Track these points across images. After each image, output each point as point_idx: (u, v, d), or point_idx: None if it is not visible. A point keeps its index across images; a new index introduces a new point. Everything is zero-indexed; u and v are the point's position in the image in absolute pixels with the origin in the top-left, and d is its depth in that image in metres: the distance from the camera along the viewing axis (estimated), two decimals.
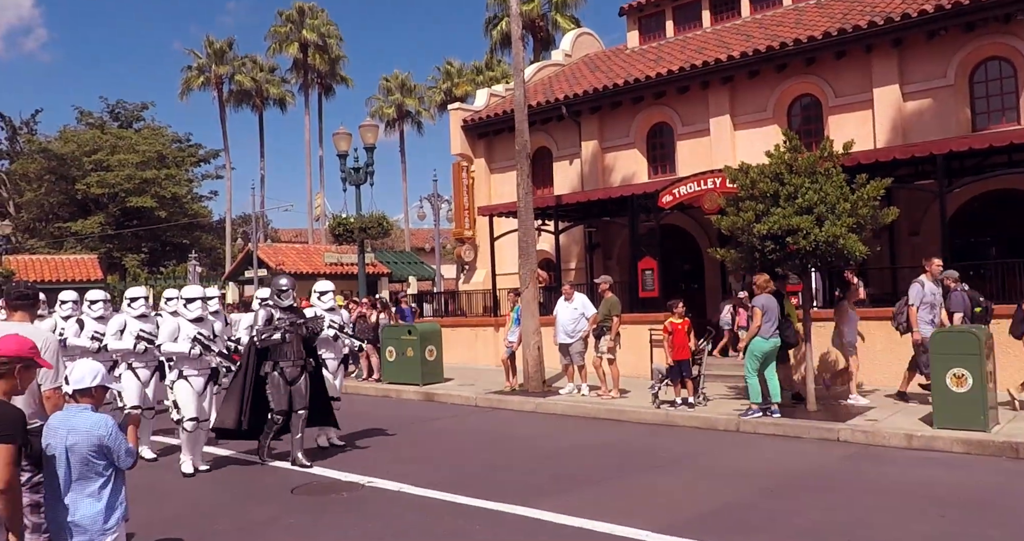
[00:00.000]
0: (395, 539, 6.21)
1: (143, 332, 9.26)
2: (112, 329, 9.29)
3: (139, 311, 9.60)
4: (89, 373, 4.19)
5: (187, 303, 8.89)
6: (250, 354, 8.88)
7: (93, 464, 4.08)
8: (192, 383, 8.74)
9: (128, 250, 44.53)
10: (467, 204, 22.63)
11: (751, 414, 10.38)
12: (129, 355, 9.34)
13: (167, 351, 8.65)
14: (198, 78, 48.44)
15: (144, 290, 9.98)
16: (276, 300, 9.03)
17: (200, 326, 8.84)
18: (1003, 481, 7.47)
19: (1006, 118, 14.87)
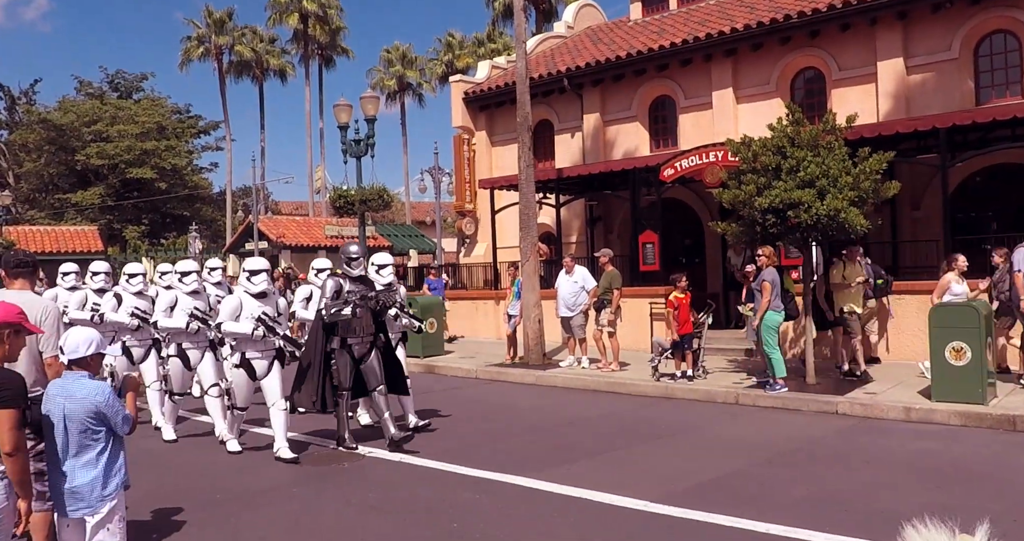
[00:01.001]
0: (396, 508, 6.27)
1: (197, 310, 8.84)
2: (162, 306, 8.85)
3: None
4: (84, 342, 4.20)
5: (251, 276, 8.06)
6: (318, 329, 8.20)
7: (91, 431, 4.12)
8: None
9: (128, 221, 44.45)
10: (468, 177, 22.57)
11: (776, 388, 10.31)
12: (180, 334, 8.85)
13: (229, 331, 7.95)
14: (198, 49, 48.13)
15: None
16: (345, 269, 8.33)
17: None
18: (1000, 453, 7.53)
19: (1010, 92, 14.79)
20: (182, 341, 8.85)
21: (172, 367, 8.98)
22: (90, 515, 4.11)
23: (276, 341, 8.07)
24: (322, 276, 9.78)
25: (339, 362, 8.19)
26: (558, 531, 5.56)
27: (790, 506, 5.97)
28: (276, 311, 8.11)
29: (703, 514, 5.79)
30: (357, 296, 8.14)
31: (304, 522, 5.97)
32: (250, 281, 8.06)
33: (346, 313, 7.98)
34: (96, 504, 4.11)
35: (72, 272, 10.66)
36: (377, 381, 8.24)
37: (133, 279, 9.67)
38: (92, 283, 10.09)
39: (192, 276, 8.92)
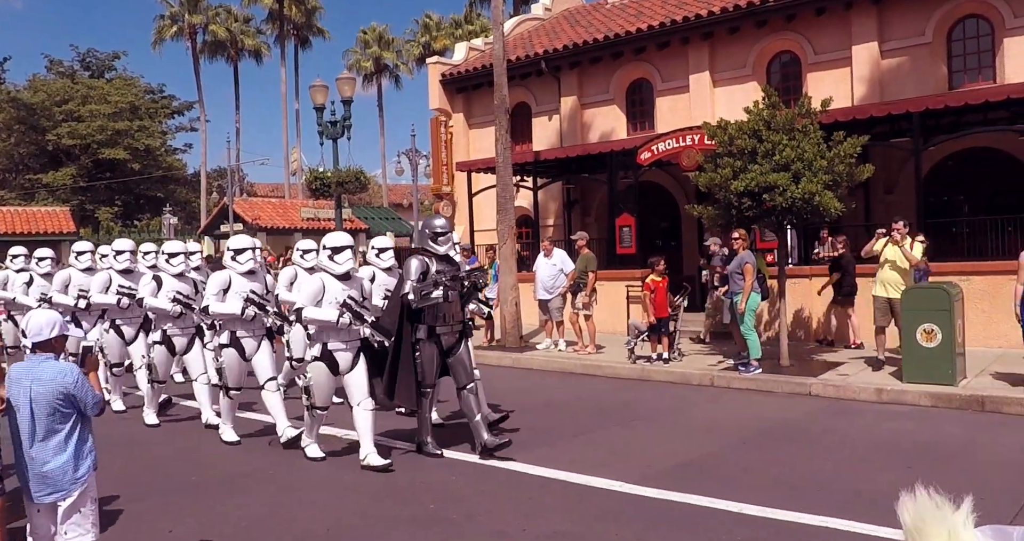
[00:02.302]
0: (374, 490, 6.30)
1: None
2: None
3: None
4: (47, 325, 4.14)
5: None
6: (401, 315, 7.12)
7: (59, 414, 4.05)
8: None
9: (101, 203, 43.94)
10: (445, 160, 22.50)
11: (752, 370, 10.42)
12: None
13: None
14: (171, 27, 47.47)
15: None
16: (431, 246, 7.23)
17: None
18: (968, 433, 7.67)
19: (982, 76, 14.93)
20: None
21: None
22: (62, 499, 4.06)
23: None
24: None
25: (423, 354, 7.16)
26: (537, 512, 5.62)
27: (765, 486, 6.06)
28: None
29: (680, 495, 5.87)
30: (447, 277, 7.08)
31: (281, 504, 5.98)
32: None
33: (437, 296, 6.91)
34: (68, 488, 4.07)
35: (48, 257, 10.76)
36: (468, 377, 7.30)
37: (120, 256, 9.55)
38: (39, 268, 10.27)
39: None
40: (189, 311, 8.43)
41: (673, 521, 5.36)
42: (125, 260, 9.50)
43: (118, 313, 9.37)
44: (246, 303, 7.56)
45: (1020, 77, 13.39)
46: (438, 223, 7.31)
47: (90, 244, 10.47)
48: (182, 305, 8.45)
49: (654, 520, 5.39)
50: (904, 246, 9.80)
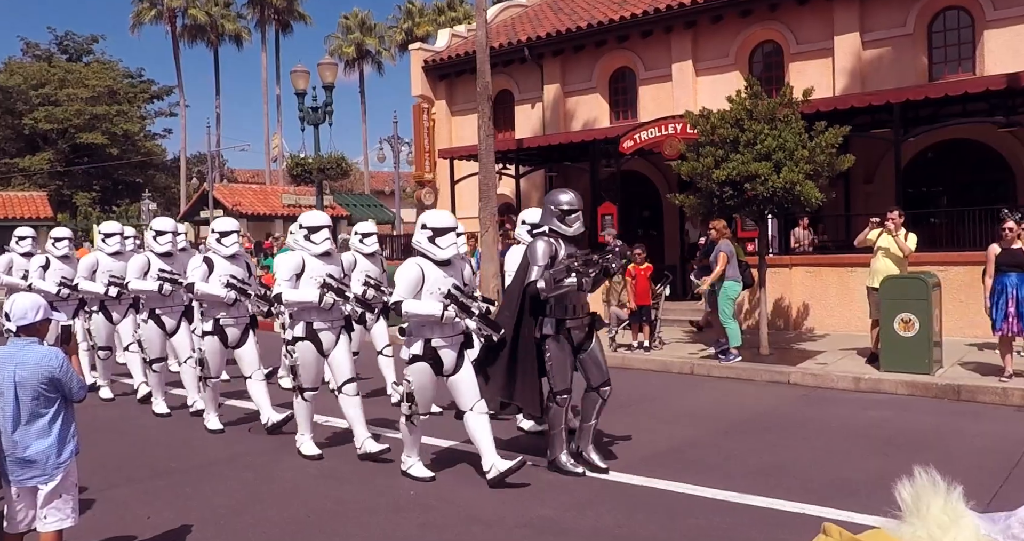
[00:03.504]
0: (353, 477, 6.30)
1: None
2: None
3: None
4: (31, 308, 4.11)
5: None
6: (523, 307, 6.16)
7: (44, 398, 4.03)
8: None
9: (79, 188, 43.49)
10: (428, 147, 22.42)
11: (731, 358, 10.47)
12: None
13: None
14: (150, 11, 46.84)
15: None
16: (558, 226, 6.21)
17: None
18: (944, 421, 7.76)
19: (962, 68, 15.03)
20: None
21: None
22: (44, 483, 4.05)
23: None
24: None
25: (554, 353, 6.10)
26: (516, 498, 5.63)
27: (745, 474, 6.10)
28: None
29: (660, 481, 5.90)
30: (579, 261, 6.02)
31: (261, 491, 5.97)
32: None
33: (570, 284, 5.89)
34: (51, 472, 4.05)
35: (28, 237, 10.40)
36: (602, 376, 6.29)
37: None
38: (55, 250, 9.71)
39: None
40: (245, 297, 7.55)
41: (652, 508, 5.39)
42: (166, 242, 8.42)
43: (158, 301, 8.40)
44: (323, 289, 6.57)
45: (999, 69, 13.49)
46: (565, 199, 6.22)
47: (67, 231, 10.09)
48: (237, 291, 7.51)
49: (633, 507, 5.41)
50: (898, 236, 9.82)
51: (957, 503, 2.42)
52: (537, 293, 5.97)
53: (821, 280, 13.00)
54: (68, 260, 9.73)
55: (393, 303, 5.90)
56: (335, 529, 5.16)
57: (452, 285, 5.92)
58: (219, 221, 7.68)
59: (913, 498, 2.46)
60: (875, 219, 10.10)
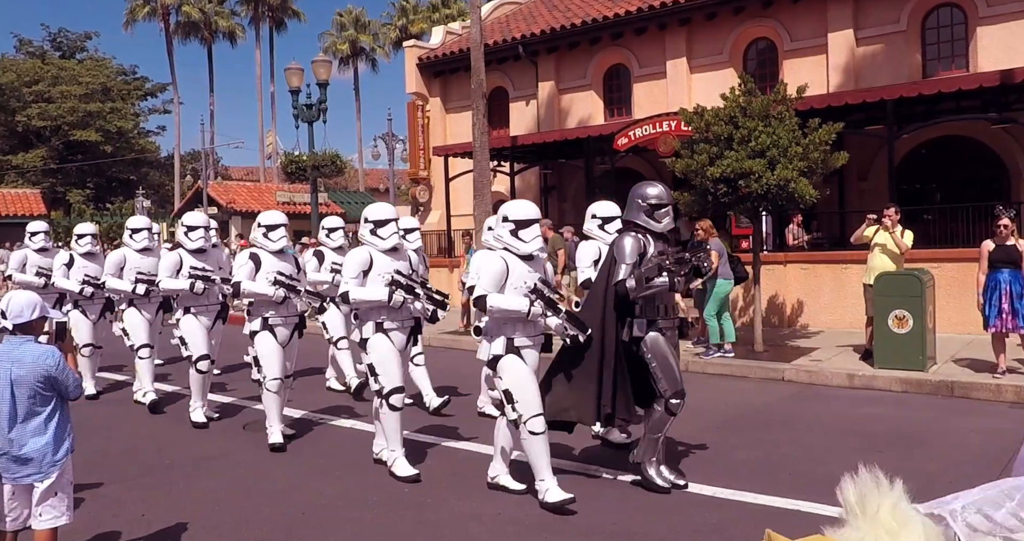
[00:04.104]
0: (346, 473, 6.30)
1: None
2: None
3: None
4: (28, 306, 4.11)
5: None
6: (606, 308, 5.66)
7: (40, 396, 4.03)
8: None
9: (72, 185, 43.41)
10: (422, 144, 22.39)
11: (711, 354, 10.51)
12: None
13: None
14: (143, 8, 46.70)
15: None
16: (646, 221, 5.76)
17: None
18: (937, 418, 7.78)
19: (955, 64, 15.06)
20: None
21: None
22: (39, 481, 4.04)
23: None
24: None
25: (656, 353, 5.65)
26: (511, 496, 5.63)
27: (738, 470, 6.11)
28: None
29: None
30: (670, 259, 5.60)
31: (254, 487, 5.96)
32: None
33: (662, 283, 5.50)
34: (47, 470, 4.04)
35: (42, 231, 10.03)
36: (678, 382, 5.80)
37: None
38: (79, 247, 9.31)
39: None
40: (295, 295, 7.05)
41: (646, 504, 5.40)
42: (198, 238, 8.03)
43: (192, 300, 7.94)
44: (392, 286, 6.14)
45: (993, 65, 13.51)
46: (653, 192, 5.77)
47: (94, 227, 9.82)
48: (286, 289, 7.01)
49: (627, 503, 5.42)
50: (895, 233, 9.82)
51: (905, 505, 2.35)
52: (626, 293, 5.52)
53: (815, 277, 13.02)
54: (93, 257, 9.38)
55: (477, 297, 5.42)
56: (329, 525, 5.16)
57: (539, 280, 5.52)
58: (265, 215, 7.23)
59: (858, 499, 2.38)
60: (872, 216, 10.10)
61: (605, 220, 6.75)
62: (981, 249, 8.86)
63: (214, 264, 8.06)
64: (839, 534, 2.30)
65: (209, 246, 8.15)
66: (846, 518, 2.33)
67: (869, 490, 2.30)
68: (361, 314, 6.24)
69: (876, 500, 2.28)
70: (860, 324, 10.82)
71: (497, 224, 5.72)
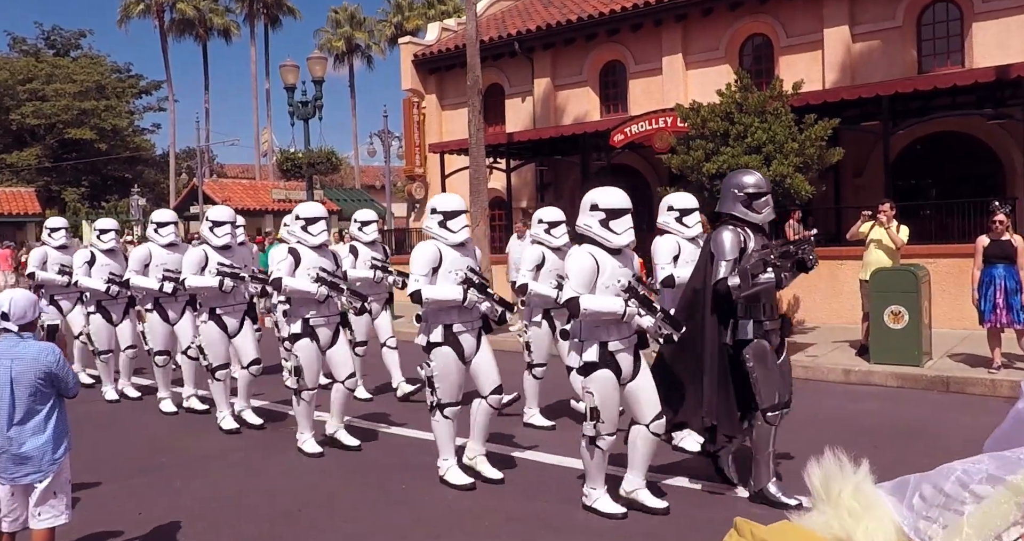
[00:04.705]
0: (345, 470, 6.30)
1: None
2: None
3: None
4: (30, 307, 4.11)
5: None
6: (704, 309, 5.23)
7: (40, 394, 4.02)
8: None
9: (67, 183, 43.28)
10: (418, 141, 22.38)
11: None
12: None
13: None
14: (137, 5, 46.52)
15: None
16: (744, 213, 5.27)
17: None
18: (933, 413, 7.79)
19: (951, 60, 15.08)
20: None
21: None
22: (39, 481, 4.03)
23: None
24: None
25: (758, 360, 5.14)
26: (509, 494, 5.64)
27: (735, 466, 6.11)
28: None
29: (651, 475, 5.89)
30: (775, 253, 5.13)
31: (252, 485, 5.96)
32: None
33: (767, 280, 5.01)
34: (47, 469, 4.03)
35: (62, 228, 9.70)
36: (788, 389, 5.38)
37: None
38: (101, 243, 8.85)
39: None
40: (337, 294, 6.52)
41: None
42: (224, 234, 7.56)
43: (219, 299, 7.48)
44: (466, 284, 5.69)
45: (988, 61, 13.53)
46: (751, 180, 5.26)
47: (114, 222, 9.30)
48: (328, 286, 6.51)
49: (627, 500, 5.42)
50: (890, 228, 9.82)
51: (868, 487, 2.34)
52: (728, 292, 5.03)
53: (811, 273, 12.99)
54: (114, 254, 8.94)
55: (568, 299, 4.84)
56: (326, 523, 5.16)
57: (632, 276, 5.05)
58: (304, 207, 6.79)
59: (823, 484, 2.39)
60: (867, 212, 10.11)
61: (682, 212, 6.75)
62: (976, 244, 8.88)
63: (240, 261, 7.62)
64: (805, 518, 2.31)
65: (236, 242, 7.75)
66: (813, 503, 2.34)
67: (833, 474, 2.32)
68: (429, 315, 5.71)
69: (839, 484, 2.30)
70: (856, 320, 10.84)
71: (584, 214, 5.12)
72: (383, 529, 5.03)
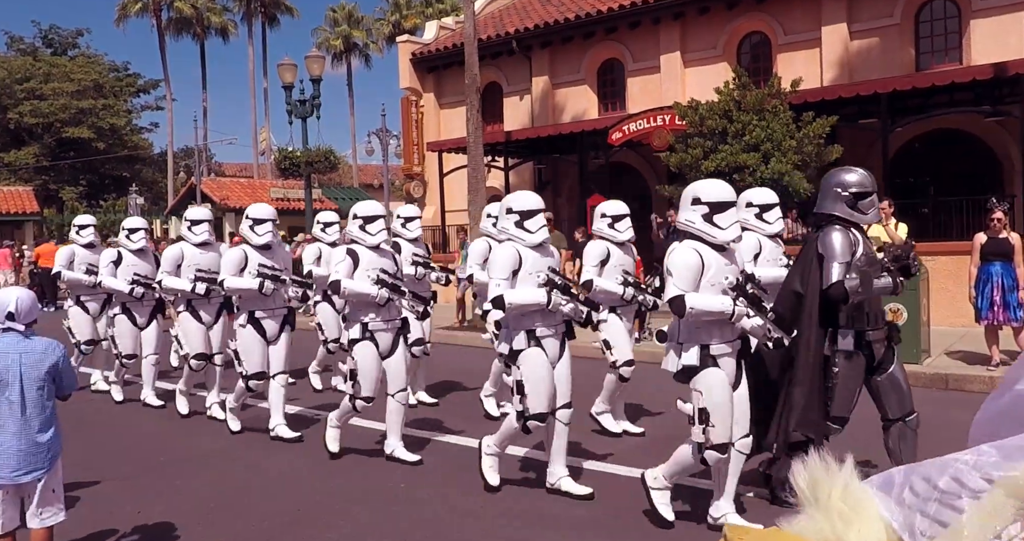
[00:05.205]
0: (346, 468, 6.30)
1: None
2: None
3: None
4: (34, 306, 4.13)
5: (325, 227, 6.71)
6: (809, 316, 4.90)
7: (47, 389, 4.01)
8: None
9: (65, 182, 43.23)
10: (416, 139, 22.37)
11: None
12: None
13: None
14: (135, 4, 46.41)
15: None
16: (848, 213, 4.94)
17: None
18: (932, 410, 7.76)
19: (948, 58, 15.08)
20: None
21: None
22: (41, 477, 4.00)
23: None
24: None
25: (844, 371, 4.89)
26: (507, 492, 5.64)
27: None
28: (284, 264, 7.04)
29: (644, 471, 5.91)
30: (888, 257, 4.94)
31: (249, 484, 5.96)
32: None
33: (885, 285, 4.77)
34: (49, 465, 4.03)
35: (90, 225, 9.27)
36: (905, 403, 5.15)
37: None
38: (130, 243, 8.47)
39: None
40: (399, 297, 6.17)
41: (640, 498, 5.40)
42: (266, 232, 7.10)
43: (257, 302, 7.04)
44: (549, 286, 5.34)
45: (986, 59, 13.54)
46: (854, 179, 4.94)
47: (143, 221, 8.91)
48: (389, 289, 6.11)
49: (627, 498, 5.42)
50: (889, 226, 9.80)
51: (855, 486, 2.28)
52: (845, 296, 4.68)
53: None
54: (143, 254, 8.54)
55: (672, 297, 4.47)
56: (325, 521, 5.16)
57: (741, 273, 4.71)
58: (362, 205, 6.39)
59: (809, 486, 2.32)
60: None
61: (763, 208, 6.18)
62: (973, 242, 8.88)
63: (281, 262, 7.19)
64: (795, 523, 2.26)
65: (276, 241, 7.26)
66: (802, 508, 2.29)
67: (819, 476, 2.25)
68: (511, 321, 5.35)
69: (827, 486, 2.23)
70: None
71: (685, 209, 4.71)
72: (383, 529, 5.03)
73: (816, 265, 4.85)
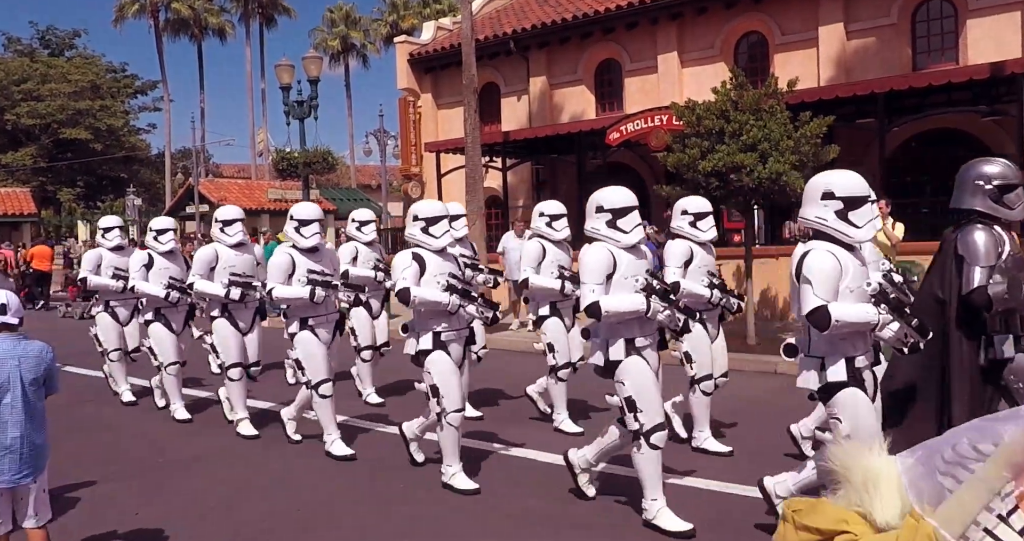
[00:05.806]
0: (347, 469, 6.31)
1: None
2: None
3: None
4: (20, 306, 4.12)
5: (362, 225, 6.68)
6: (949, 323, 4.45)
7: (40, 390, 4.03)
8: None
9: (63, 184, 43.24)
10: (414, 140, 22.36)
11: None
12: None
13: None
14: (133, 5, 46.37)
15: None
16: (992, 208, 4.49)
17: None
18: None
19: (945, 57, 15.10)
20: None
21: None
22: (35, 478, 4.01)
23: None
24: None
25: (962, 379, 4.40)
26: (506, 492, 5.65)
27: (732, 463, 6.15)
28: (332, 268, 6.76)
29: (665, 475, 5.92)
30: None
31: (249, 484, 5.97)
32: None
33: None
34: (42, 465, 4.04)
35: (116, 227, 8.85)
36: None
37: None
38: (159, 245, 8.06)
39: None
40: (469, 302, 5.68)
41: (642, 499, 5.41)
42: (312, 234, 6.59)
43: (308, 310, 6.56)
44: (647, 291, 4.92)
45: (983, 58, 13.56)
46: (996, 170, 4.52)
47: (172, 221, 8.60)
48: (458, 294, 5.65)
49: (622, 498, 5.44)
50: (886, 225, 9.81)
51: (877, 464, 2.58)
52: (988, 303, 4.22)
53: None
54: (174, 256, 8.15)
55: (814, 308, 4.09)
56: (323, 521, 5.17)
57: (883, 276, 4.34)
58: (423, 206, 5.92)
59: (842, 466, 2.65)
60: None
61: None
62: None
63: (329, 265, 6.73)
64: (836, 497, 2.64)
65: (324, 244, 6.81)
66: (840, 484, 2.64)
67: (849, 456, 2.58)
68: (605, 330, 4.97)
69: (854, 464, 2.61)
70: None
71: (815, 206, 4.29)
72: (383, 529, 5.04)
73: (956, 268, 4.43)
